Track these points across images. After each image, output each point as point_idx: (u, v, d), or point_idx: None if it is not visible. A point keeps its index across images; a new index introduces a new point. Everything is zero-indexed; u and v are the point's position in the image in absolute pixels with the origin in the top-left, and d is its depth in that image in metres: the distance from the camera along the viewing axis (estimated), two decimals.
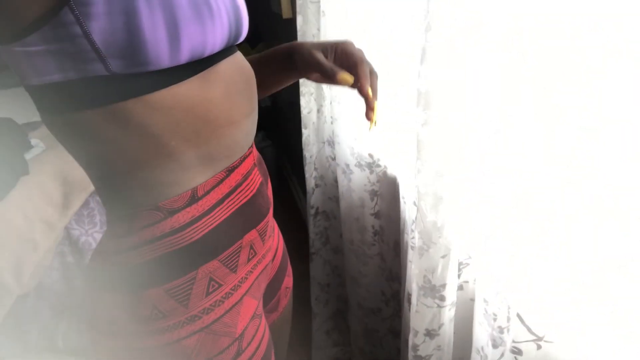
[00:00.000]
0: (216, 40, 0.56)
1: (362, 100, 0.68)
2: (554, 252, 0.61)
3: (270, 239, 0.75)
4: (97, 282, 0.62)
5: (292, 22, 1.50)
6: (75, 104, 0.52)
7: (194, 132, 0.58)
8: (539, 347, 0.65)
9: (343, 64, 0.72)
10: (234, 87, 0.63)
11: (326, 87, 1.46)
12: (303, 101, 1.53)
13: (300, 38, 1.46)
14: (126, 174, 0.57)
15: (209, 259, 0.62)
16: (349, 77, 0.67)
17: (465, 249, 0.86)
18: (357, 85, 0.68)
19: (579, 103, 0.49)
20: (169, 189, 0.59)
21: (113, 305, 0.60)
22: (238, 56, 0.67)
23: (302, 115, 1.55)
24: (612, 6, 0.44)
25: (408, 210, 1.00)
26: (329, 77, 0.69)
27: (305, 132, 1.58)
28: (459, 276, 0.89)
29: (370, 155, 1.34)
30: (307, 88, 1.50)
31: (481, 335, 0.76)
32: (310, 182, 1.64)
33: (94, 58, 0.48)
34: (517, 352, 0.68)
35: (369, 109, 0.68)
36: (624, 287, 0.49)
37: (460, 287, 0.91)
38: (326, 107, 1.49)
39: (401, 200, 1.19)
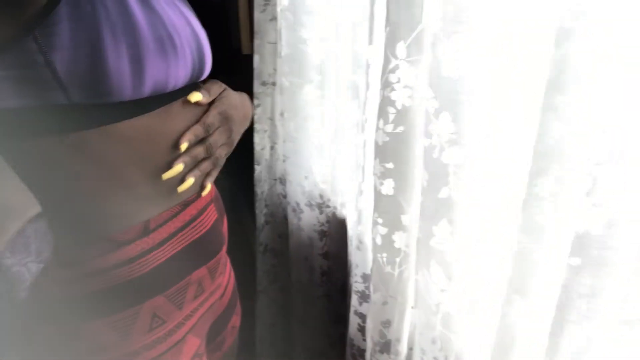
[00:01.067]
0: (179, 76, 0.57)
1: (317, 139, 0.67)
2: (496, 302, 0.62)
3: (221, 276, 0.74)
4: (35, 312, 0.60)
5: (251, 58, 1.52)
6: (32, 131, 0.51)
7: (152, 165, 0.58)
8: None
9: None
10: (193, 124, 0.63)
11: (280, 126, 1.47)
12: (257, 138, 1.53)
13: (256, 76, 1.47)
14: (79, 204, 0.56)
15: (155, 294, 0.61)
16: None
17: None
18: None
19: (569, 108, 0.50)
20: (121, 221, 0.58)
21: (51, 337, 0.58)
22: None
23: (255, 152, 1.55)
24: (602, 11, 0.46)
25: (354, 254, 1.01)
26: None
27: (257, 169, 1.57)
28: None
29: (321, 196, 1.34)
30: (262, 125, 1.50)
31: None
32: (260, 218, 1.62)
33: (54, 87, 0.48)
34: None
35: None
36: None
37: None
38: (279, 145, 1.50)
39: (349, 242, 1.19)
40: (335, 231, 1.35)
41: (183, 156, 0.61)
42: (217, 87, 0.68)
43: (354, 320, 1.03)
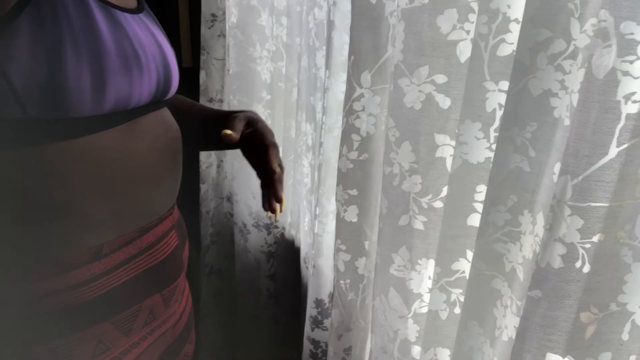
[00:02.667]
0: (143, 93, 0.56)
1: None
2: None
3: (176, 304, 0.71)
4: None
5: (193, 72, 1.48)
6: None
7: (109, 185, 0.56)
8: None
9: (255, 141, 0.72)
10: (157, 143, 0.62)
11: None
12: (202, 156, 1.49)
13: (202, 92, 1.44)
14: (30, 221, 0.54)
15: (101, 320, 0.58)
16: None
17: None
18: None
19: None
20: (72, 242, 0.55)
21: None
22: (165, 112, 0.66)
23: (200, 170, 1.51)
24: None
25: (311, 277, 0.99)
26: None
27: (203, 187, 1.52)
28: None
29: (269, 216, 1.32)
30: None
31: None
32: (206, 239, 1.57)
33: (11, 100, 0.47)
34: None
35: (276, 199, 0.71)
36: None
37: None
38: (227, 163, 1.47)
39: (302, 264, 1.18)
40: (284, 252, 1.33)
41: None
42: (241, 122, 0.71)
43: (306, 346, 1.01)
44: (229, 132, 0.66)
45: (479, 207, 0.61)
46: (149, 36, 0.60)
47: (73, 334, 0.57)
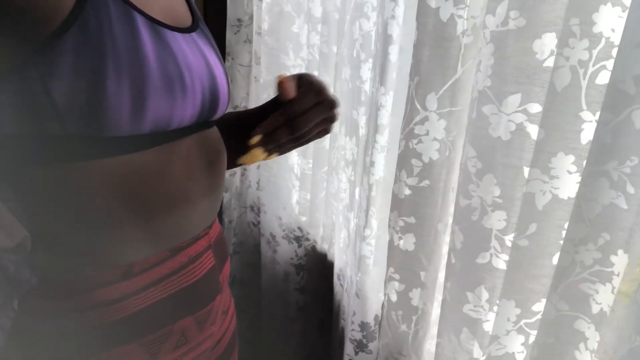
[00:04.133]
0: (185, 115, 0.54)
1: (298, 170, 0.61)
2: None
3: (213, 326, 0.67)
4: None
5: None
6: (22, 158, 0.49)
7: (142, 206, 0.54)
8: None
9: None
10: (196, 165, 0.59)
11: None
12: None
13: None
14: (60, 236, 0.53)
15: (128, 341, 0.56)
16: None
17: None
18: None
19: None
20: (101, 260, 0.54)
21: None
22: (210, 133, 0.62)
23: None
24: None
25: (351, 301, 0.94)
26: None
27: (226, 196, 1.48)
28: None
29: (300, 228, 1.27)
30: None
31: None
32: (229, 248, 1.52)
33: (51, 116, 0.47)
34: None
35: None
36: None
37: None
38: (252, 172, 1.42)
39: (335, 280, 1.13)
40: (315, 266, 1.29)
41: (265, 140, 0.58)
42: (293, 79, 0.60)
43: None
44: (284, 75, 0.58)
45: (567, 245, 0.57)
46: (198, 56, 0.57)
47: (98, 355, 0.55)
